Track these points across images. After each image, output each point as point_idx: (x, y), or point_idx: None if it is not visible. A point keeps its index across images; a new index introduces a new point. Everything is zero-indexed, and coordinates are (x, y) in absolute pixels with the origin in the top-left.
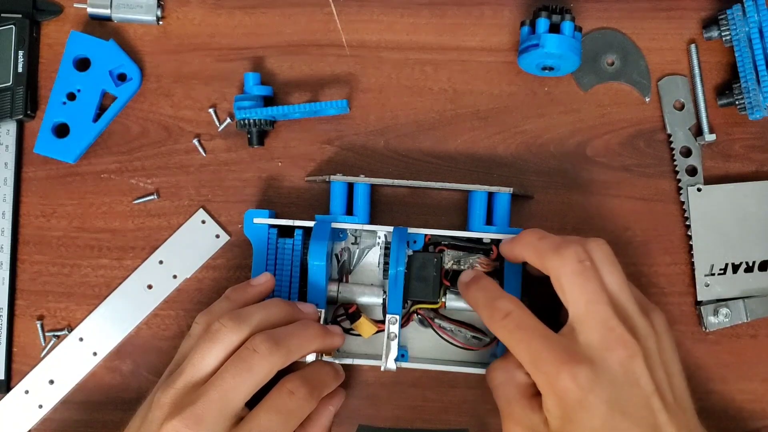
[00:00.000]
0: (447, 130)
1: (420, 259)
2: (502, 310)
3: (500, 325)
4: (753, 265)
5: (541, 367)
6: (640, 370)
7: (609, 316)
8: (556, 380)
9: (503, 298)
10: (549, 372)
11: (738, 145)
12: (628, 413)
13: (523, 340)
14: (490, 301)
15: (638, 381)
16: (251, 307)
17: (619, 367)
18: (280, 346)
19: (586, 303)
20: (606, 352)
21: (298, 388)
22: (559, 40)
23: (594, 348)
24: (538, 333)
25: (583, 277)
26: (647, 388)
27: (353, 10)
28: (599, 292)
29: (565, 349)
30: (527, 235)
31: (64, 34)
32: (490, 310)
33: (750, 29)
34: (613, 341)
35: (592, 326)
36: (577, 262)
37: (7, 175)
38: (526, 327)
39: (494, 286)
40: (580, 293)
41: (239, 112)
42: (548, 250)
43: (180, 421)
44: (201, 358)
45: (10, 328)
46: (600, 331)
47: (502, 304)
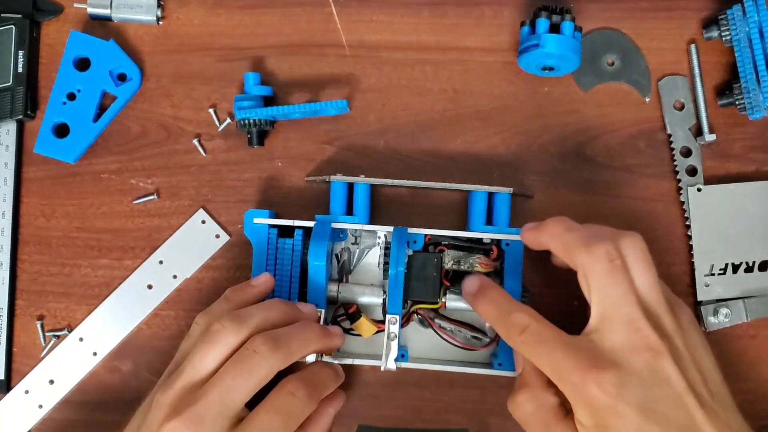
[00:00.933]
0: (447, 130)
1: (420, 259)
2: (519, 325)
3: (519, 341)
4: (753, 265)
5: (566, 378)
6: (669, 369)
7: (636, 317)
8: (583, 389)
9: (517, 311)
10: (575, 382)
11: (738, 145)
12: (661, 414)
13: (545, 353)
14: (504, 316)
15: (668, 380)
16: (251, 307)
17: (646, 369)
18: (280, 347)
19: (612, 305)
20: (631, 355)
21: (298, 389)
22: (559, 40)
23: (619, 351)
24: (558, 343)
25: (613, 277)
26: (679, 387)
27: (353, 10)
28: (628, 293)
29: (588, 356)
30: (554, 225)
31: (64, 34)
32: (506, 325)
33: (750, 29)
34: (638, 343)
35: (618, 328)
36: (607, 261)
37: (7, 175)
38: (546, 339)
39: (504, 298)
40: (608, 294)
41: (239, 112)
42: (577, 245)
43: (180, 422)
44: (201, 359)
45: (10, 328)
46: (625, 334)
47: (518, 319)
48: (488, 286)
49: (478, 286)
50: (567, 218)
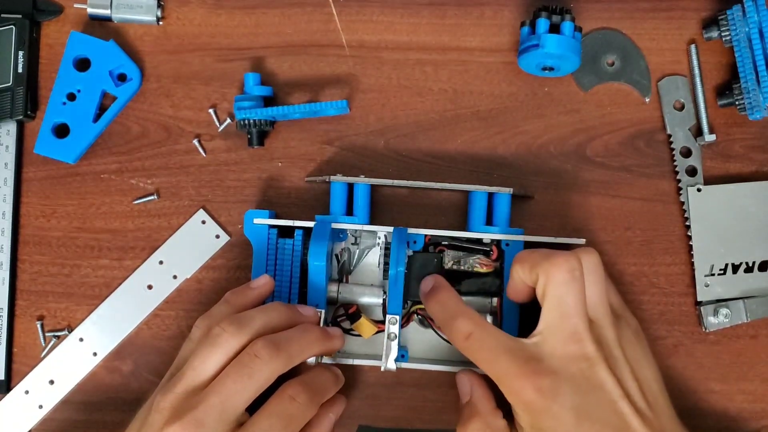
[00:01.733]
0: (447, 130)
1: (420, 260)
2: (463, 332)
3: (463, 346)
4: (753, 265)
5: (506, 382)
6: (603, 376)
7: (580, 329)
8: (522, 393)
9: (461, 316)
10: (514, 386)
11: (738, 146)
12: (595, 418)
13: (488, 360)
14: (449, 321)
15: (602, 387)
16: (251, 311)
17: (581, 376)
18: (280, 351)
19: (562, 314)
20: (568, 363)
21: (299, 393)
22: (559, 41)
23: (557, 358)
24: (501, 349)
25: (567, 288)
26: (613, 394)
27: (353, 10)
28: (579, 305)
29: (529, 362)
30: (517, 255)
31: (64, 34)
32: (450, 329)
33: (750, 29)
34: (576, 352)
35: (560, 338)
36: (567, 270)
37: (7, 176)
38: (489, 347)
39: (452, 301)
40: (560, 304)
41: (239, 113)
42: (541, 258)
43: (180, 426)
44: (201, 363)
45: (10, 329)
46: (566, 343)
47: (462, 325)
48: (439, 287)
49: (432, 286)
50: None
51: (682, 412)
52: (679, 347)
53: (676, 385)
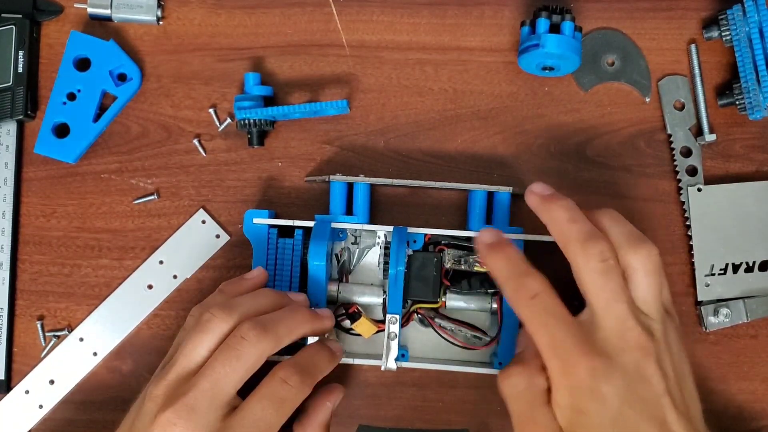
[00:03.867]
0: (447, 130)
1: (420, 259)
2: (530, 290)
3: (525, 304)
4: (753, 265)
5: (560, 354)
6: (652, 370)
7: (627, 316)
8: (573, 369)
9: (531, 275)
10: (568, 360)
11: (738, 145)
12: (638, 408)
13: (547, 325)
14: (516, 276)
15: (650, 380)
16: (241, 297)
17: (633, 365)
18: (268, 331)
19: (605, 300)
20: (622, 350)
21: (290, 375)
22: (559, 40)
23: (611, 344)
24: (562, 320)
25: (605, 276)
26: (658, 388)
27: (353, 10)
28: (618, 291)
29: (586, 341)
30: (558, 211)
31: (64, 34)
32: (516, 286)
33: (750, 29)
34: (630, 341)
35: (611, 324)
36: (600, 261)
37: (7, 175)
38: (552, 312)
39: (520, 258)
40: (600, 290)
41: (239, 112)
42: (574, 240)
43: (173, 412)
44: (192, 349)
45: (11, 328)
46: (618, 330)
47: (531, 283)
48: (506, 242)
49: (496, 239)
50: (573, 206)
51: None
52: None
53: None
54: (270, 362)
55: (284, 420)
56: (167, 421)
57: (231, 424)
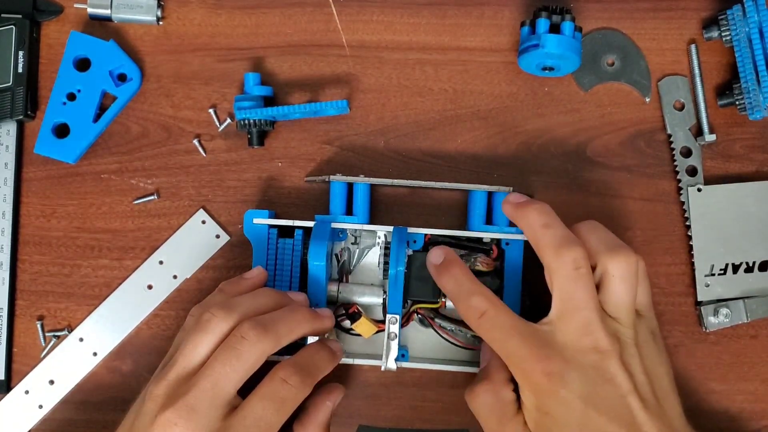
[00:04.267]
0: (447, 130)
1: (420, 259)
2: (477, 309)
3: (475, 323)
4: (753, 265)
5: (517, 363)
6: (614, 370)
7: (591, 321)
8: (531, 375)
9: (477, 294)
10: (524, 368)
11: (738, 146)
12: (603, 409)
13: (500, 339)
14: (463, 297)
15: (613, 380)
16: (241, 296)
17: (592, 367)
18: (268, 331)
19: (571, 307)
20: (580, 354)
21: (290, 375)
22: (559, 41)
23: (569, 348)
24: (514, 331)
25: (575, 283)
26: (623, 387)
27: (353, 11)
28: (587, 299)
29: (540, 346)
30: (532, 214)
31: (64, 34)
32: (465, 306)
33: (750, 29)
34: (588, 344)
35: (572, 329)
36: (573, 268)
37: (7, 176)
38: (502, 326)
39: (467, 277)
40: (568, 297)
41: (239, 113)
42: (547, 246)
43: (173, 412)
44: (192, 349)
45: (10, 329)
46: (578, 334)
47: (476, 302)
48: (452, 262)
49: (443, 259)
50: (548, 210)
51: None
52: (680, 347)
53: (677, 385)
54: (270, 362)
55: (284, 419)
56: (167, 421)
57: (231, 424)
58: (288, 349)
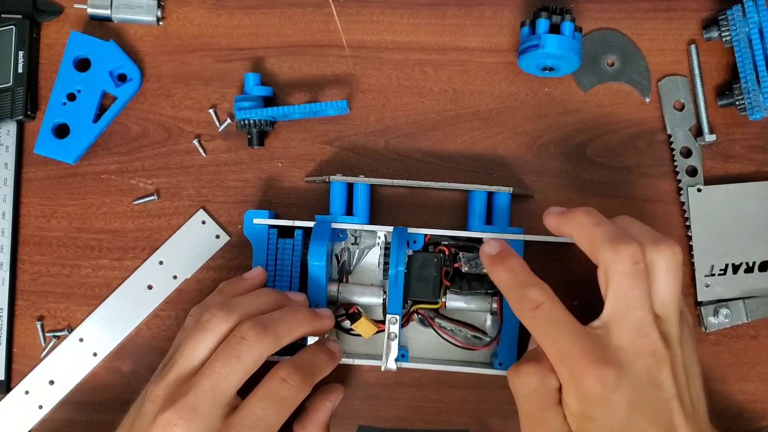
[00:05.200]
0: (447, 130)
1: (420, 259)
2: (533, 301)
3: (529, 315)
4: (753, 265)
5: (568, 363)
6: (664, 376)
7: (647, 323)
8: (582, 378)
9: (534, 285)
10: (575, 369)
11: (738, 146)
12: (647, 414)
13: (552, 335)
14: (519, 287)
15: (661, 385)
16: (241, 297)
17: (644, 372)
18: (268, 331)
19: (627, 306)
20: (635, 357)
21: (290, 375)
22: (559, 41)
23: (624, 351)
24: (567, 328)
25: (633, 280)
26: (669, 392)
27: (353, 11)
28: (644, 298)
29: (594, 348)
30: (581, 216)
31: (64, 34)
32: (519, 297)
33: (750, 30)
34: (644, 348)
35: (627, 330)
36: (631, 262)
37: (7, 176)
38: (556, 321)
39: (524, 269)
40: (624, 295)
41: (239, 113)
42: (603, 241)
43: (173, 412)
44: (192, 349)
45: (11, 329)
46: (633, 336)
47: (533, 294)
48: (508, 253)
49: (499, 250)
50: (595, 211)
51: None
52: None
53: None
54: (270, 363)
55: (284, 419)
56: (167, 422)
57: (232, 424)
58: (288, 350)
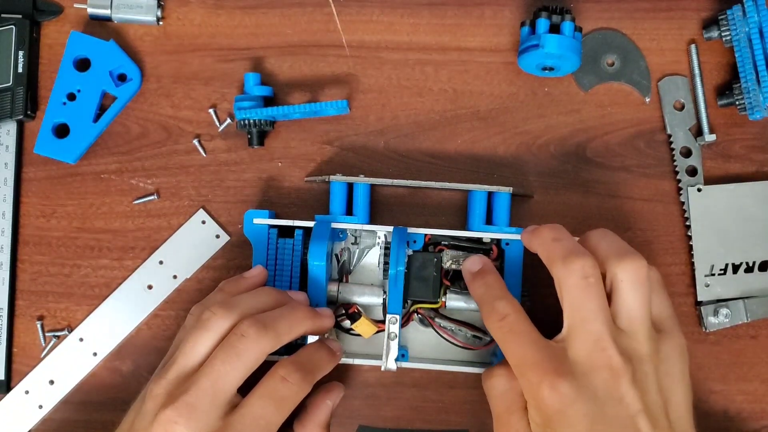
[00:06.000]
0: (447, 130)
1: (420, 259)
2: (500, 312)
3: (496, 326)
4: (753, 265)
5: (525, 373)
6: (624, 390)
7: (602, 336)
8: (537, 389)
9: (503, 299)
10: (532, 380)
11: (738, 146)
12: (610, 430)
13: (513, 344)
14: (490, 300)
15: (622, 400)
16: (241, 295)
17: (602, 386)
18: (268, 329)
19: (581, 320)
20: (591, 370)
21: (290, 373)
22: (559, 41)
23: (580, 364)
24: (529, 339)
25: (584, 293)
26: (633, 408)
27: (353, 11)
28: (597, 311)
29: (551, 360)
30: (544, 231)
31: (64, 34)
32: (489, 309)
33: (750, 29)
34: (600, 361)
35: (583, 343)
36: (580, 277)
37: (7, 176)
38: (519, 332)
39: (498, 284)
40: (577, 308)
41: (239, 113)
42: (557, 257)
43: (173, 410)
44: (192, 347)
45: (10, 329)
46: (589, 349)
47: (501, 306)
48: (488, 271)
49: (480, 268)
50: (561, 227)
51: None
52: None
53: None
54: (270, 362)
55: (284, 418)
56: (168, 420)
57: (231, 422)
58: (287, 351)
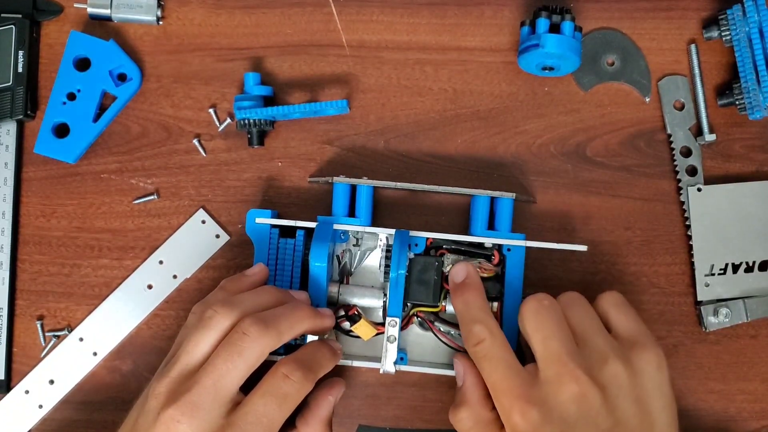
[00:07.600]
0: (447, 130)
1: (421, 263)
2: (476, 337)
3: (472, 350)
4: (753, 265)
5: (499, 398)
6: (596, 405)
7: (561, 351)
8: (509, 414)
9: (479, 323)
10: (504, 405)
11: (738, 145)
12: None
13: (487, 370)
14: (467, 322)
15: (595, 417)
16: (243, 294)
17: (572, 403)
18: (269, 327)
19: (542, 339)
20: (559, 387)
21: (292, 371)
22: (559, 40)
23: (549, 383)
24: (503, 365)
25: (540, 314)
26: (604, 424)
27: (353, 10)
28: (554, 328)
29: (523, 385)
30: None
31: (64, 34)
32: (467, 331)
33: (750, 29)
34: (564, 376)
35: (549, 362)
36: (535, 302)
37: (7, 175)
38: (492, 357)
39: (477, 303)
40: (536, 330)
41: (239, 112)
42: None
43: (176, 409)
44: (194, 346)
45: (10, 328)
46: (554, 367)
47: (477, 330)
48: (470, 286)
49: (462, 279)
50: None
51: (682, 412)
52: (679, 347)
53: (676, 386)
54: (271, 363)
55: (287, 415)
56: (170, 418)
57: (234, 420)
58: (287, 351)
